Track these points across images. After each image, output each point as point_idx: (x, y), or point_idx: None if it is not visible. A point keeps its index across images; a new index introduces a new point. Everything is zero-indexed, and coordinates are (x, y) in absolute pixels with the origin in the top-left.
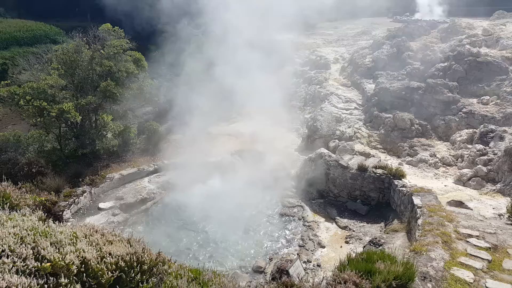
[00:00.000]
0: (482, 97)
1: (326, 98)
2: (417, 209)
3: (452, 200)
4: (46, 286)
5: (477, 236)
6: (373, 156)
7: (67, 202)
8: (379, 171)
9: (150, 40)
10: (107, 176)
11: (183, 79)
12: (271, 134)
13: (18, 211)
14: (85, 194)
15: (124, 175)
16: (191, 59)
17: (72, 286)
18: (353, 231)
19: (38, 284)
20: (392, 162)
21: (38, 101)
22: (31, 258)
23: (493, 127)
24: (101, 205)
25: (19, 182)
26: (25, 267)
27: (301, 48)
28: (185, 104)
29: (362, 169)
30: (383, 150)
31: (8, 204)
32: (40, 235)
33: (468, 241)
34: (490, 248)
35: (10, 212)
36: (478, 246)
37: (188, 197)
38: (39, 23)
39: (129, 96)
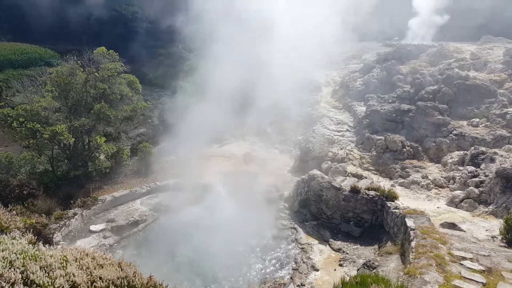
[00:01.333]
0: (472, 120)
1: (318, 120)
2: (410, 231)
3: (445, 222)
4: None
5: (471, 258)
6: (366, 177)
7: (58, 225)
8: (372, 192)
9: (144, 63)
10: (99, 198)
11: (176, 101)
12: (264, 156)
13: (7, 234)
14: (76, 217)
15: (116, 197)
16: (184, 81)
17: None
18: (347, 253)
19: None
20: (385, 183)
21: (31, 123)
22: (20, 283)
23: (483, 149)
24: (92, 227)
25: (9, 204)
26: None
27: (291, 71)
28: (178, 125)
29: (354, 190)
30: (375, 172)
31: None
32: (29, 258)
33: (462, 264)
34: (484, 271)
35: None
36: (472, 268)
37: (181, 219)
38: (34, 46)
39: (123, 118)
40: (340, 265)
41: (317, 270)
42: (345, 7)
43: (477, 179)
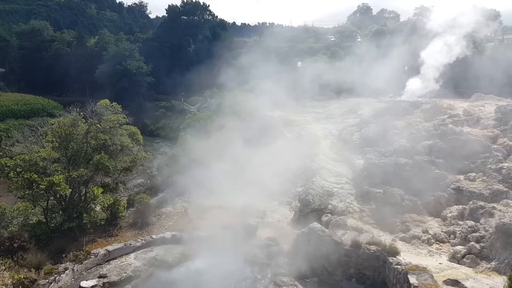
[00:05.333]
0: (468, 174)
1: (317, 172)
2: None
3: (448, 279)
4: None
5: None
6: (366, 231)
7: (47, 280)
8: (373, 247)
9: (147, 114)
10: (92, 252)
11: (176, 152)
12: (263, 207)
13: None
14: (67, 272)
15: (110, 251)
16: (185, 133)
17: None
18: None
19: None
20: (385, 238)
21: (29, 173)
22: None
23: (482, 203)
24: (83, 283)
25: None
26: None
27: (291, 125)
28: (177, 177)
29: (356, 245)
30: (375, 226)
31: None
32: None
33: None
34: None
35: None
36: None
37: (175, 275)
38: (37, 97)
39: (122, 168)
40: None
41: None
42: (341, 65)
43: (477, 234)
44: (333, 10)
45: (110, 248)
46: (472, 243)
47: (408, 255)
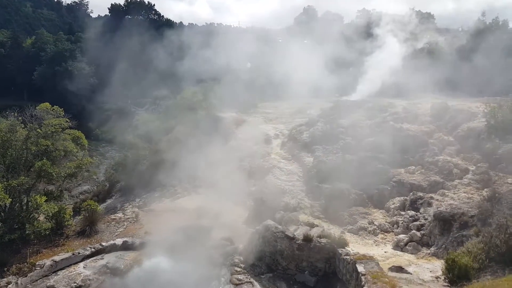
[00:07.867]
0: (408, 167)
1: (270, 171)
2: (362, 277)
3: (393, 266)
4: None
5: None
6: (317, 225)
7: None
8: (324, 240)
9: (91, 118)
10: (37, 264)
11: (124, 156)
12: (218, 208)
13: None
14: (10, 286)
15: (57, 261)
16: (134, 136)
17: None
18: None
19: None
20: (335, 231)
21: None
22: None
23: (421, 194)
24: None
25: None
26: None
27: (243, 125)
28: (126, 182)
29: (307, 239)
30: (325, 220)
31: None
32: None
33: None
34: None
35: None
36: None
37: (127, 282)
38: None
39: (66, 175)
40: None
41: None
42: (291, 66)
43: (417, 222)
44: (277, 10)
45: (57, 258)
46: (413, 231)
47: (356, 246)
